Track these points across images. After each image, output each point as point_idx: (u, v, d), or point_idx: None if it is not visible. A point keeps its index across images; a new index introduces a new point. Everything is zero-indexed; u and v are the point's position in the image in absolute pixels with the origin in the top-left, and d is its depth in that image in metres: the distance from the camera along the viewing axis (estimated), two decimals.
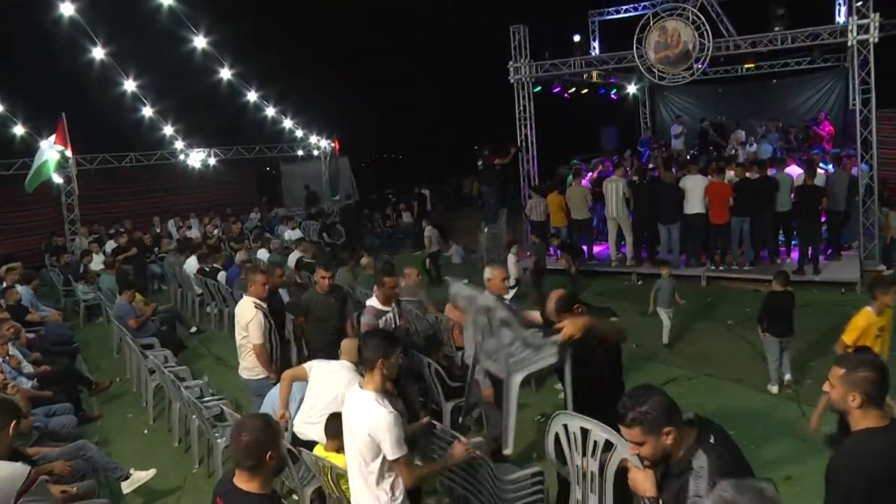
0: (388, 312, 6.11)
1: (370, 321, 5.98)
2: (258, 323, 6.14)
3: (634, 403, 2.67)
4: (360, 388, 3.72)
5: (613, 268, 12.98)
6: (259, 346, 6.14)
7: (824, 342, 8.67)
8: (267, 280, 6.58)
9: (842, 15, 15.30)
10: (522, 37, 14.53)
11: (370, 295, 8.91)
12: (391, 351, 3.69)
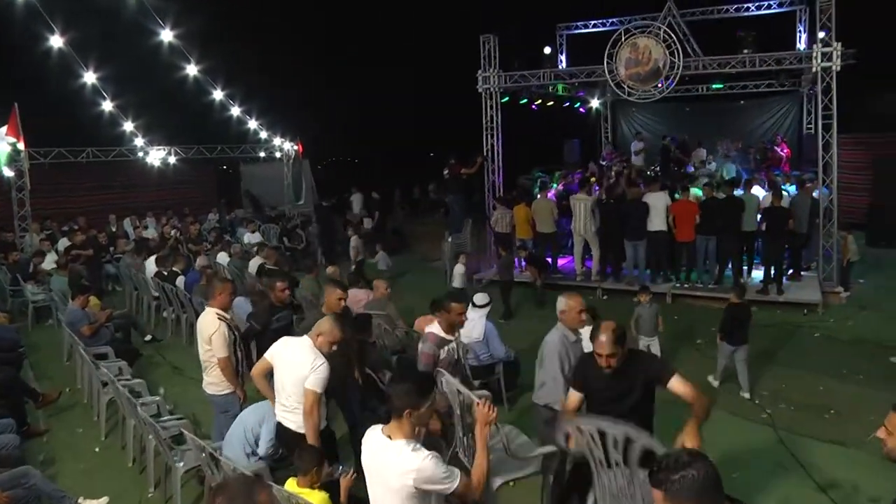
0: (452, 342, 5.57)
1: (431, 350, 5.41)
2: (222, 335, 5.85)
3: (672, 466, 2.38)
4: (387, 437, 3.48)
5: (578, 282, 12.95)
6: (223, 359, 5.84)
7: (793, 364, 8.82)
8: (233, 290, 6.31)
9: (802, 42, 15.65)
10: (492, 46, 14.45)
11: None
12: (421, 402, 3.45)
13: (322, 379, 4.69)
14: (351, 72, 30.16)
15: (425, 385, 3.58)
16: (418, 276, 15.18)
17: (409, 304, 12.07)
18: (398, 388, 3.50)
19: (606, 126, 22.28)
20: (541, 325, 10.93)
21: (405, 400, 3.43)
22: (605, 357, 4.23)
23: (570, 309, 5.23)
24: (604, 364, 4.26)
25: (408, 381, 3.59)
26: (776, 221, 11.11)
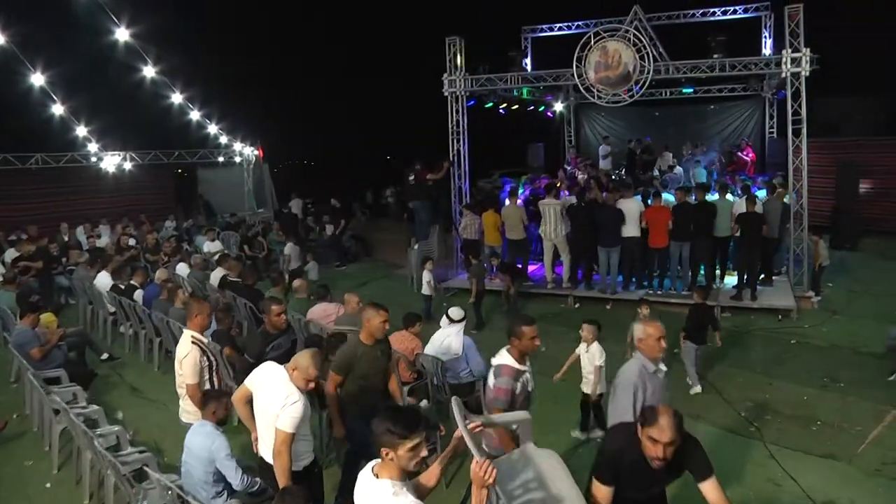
0: (526, 372, 4.85)
1: (507, 385, 4.64)
2: (192, 360, 5.42)
3: None
4: (374, 475, 3.26)
5: (549, 290, 12.74)
6: (191, 386, 5.40)
7: (773, 373, 8.71)
8: (211, 311, 5.91)
9: (768, 47, 15.71)
10: (458, 49, 14.16)
11: (303, 320, 8.41)
12: (401, 442, 3.16)
13: (294, 418, 4.28)
14: (310, 74, 29.63)
15: (409, 422, 3.25)
16: (384, 284, 14.85)
17: None
18: (377, 426, 3.23)
19: (570, 130, 22.17)
20: None
21: (383, 439, 3.18)
22: (663, 446, 3.55)
23: (649, 336, 4.60)
24: (658, 454, 3.56)
25: (389, 418, 3.27)
26: (751, 227, 11.02)
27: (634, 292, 12.07)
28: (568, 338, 10.40)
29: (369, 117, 30.28)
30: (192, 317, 5.65)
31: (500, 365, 4.80)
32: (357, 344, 5.42)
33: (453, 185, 14.80)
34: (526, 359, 4.87)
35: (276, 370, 4.51)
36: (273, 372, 4.51)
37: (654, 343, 4.60)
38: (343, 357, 5.38)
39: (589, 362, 7.08)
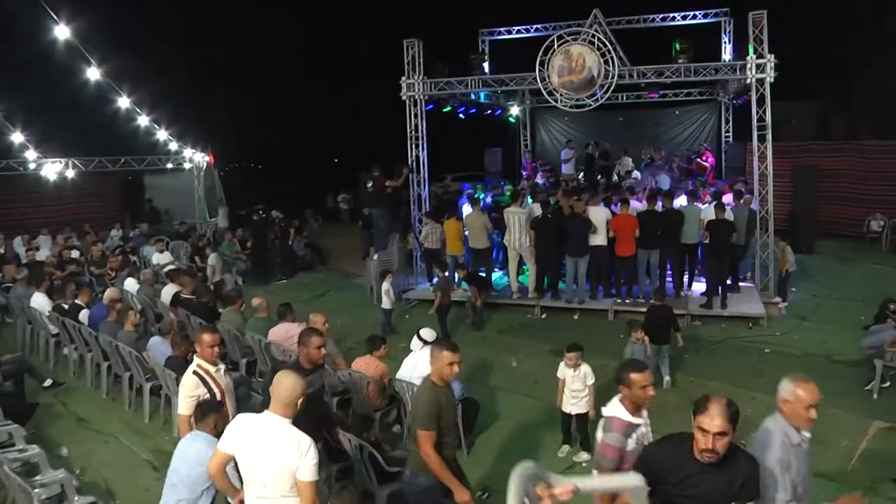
0: (641, 426, 4.07)
1: (618, 442, 3.92)
2: (188, 389, 4.87)
3: None
4: None
5: (515, 300, 12.38)
6: (182, 418, 4.84)
7: (754, 386, 8.48)
8: (219, 341, 5.33)
9: (727, 52, 15.70)
10: (417, 52, 13.73)
11: (264, 342, 7.84)
12: None
13: (315, 464, 3.69)
14: (260, 75, 28.87)
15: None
16: (341, 296, 14.26)
17: (338, 330, 11.27)
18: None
19: (526, 134, 21.91)
20: (480, 349, 10.43)
21: None
22: (712, 437, 3.26)
23: (799, 401, 3.70)
24: (707, 446, 3.27)
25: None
26: (720, 234, 10.86)
27: (602, 301, 11.83)
28: (538, 351, 10.11)
29: (322, 120, 29.66)
30: (199, 346, 5.19)
31: (609, 417, 4.06)
32: (434, 388, 4.47)
33: (412, 191, 14.36)
34: (642, 410, 4.11)
35: (264, 423, 3.79)
36: (261, 425, 3.79)
37: (802, 410, 3.70)
38: (428, 407, 4.36)
39: (582, 383, 6.71)
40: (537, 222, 11.80)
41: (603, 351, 9.84)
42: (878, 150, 17.32)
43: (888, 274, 14.21)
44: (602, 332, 10.86)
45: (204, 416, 4.46)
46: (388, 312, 11.25)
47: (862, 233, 16.92)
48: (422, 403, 4.44)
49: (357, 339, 10.83)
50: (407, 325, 11.72)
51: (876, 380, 8.16)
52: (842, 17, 19.77)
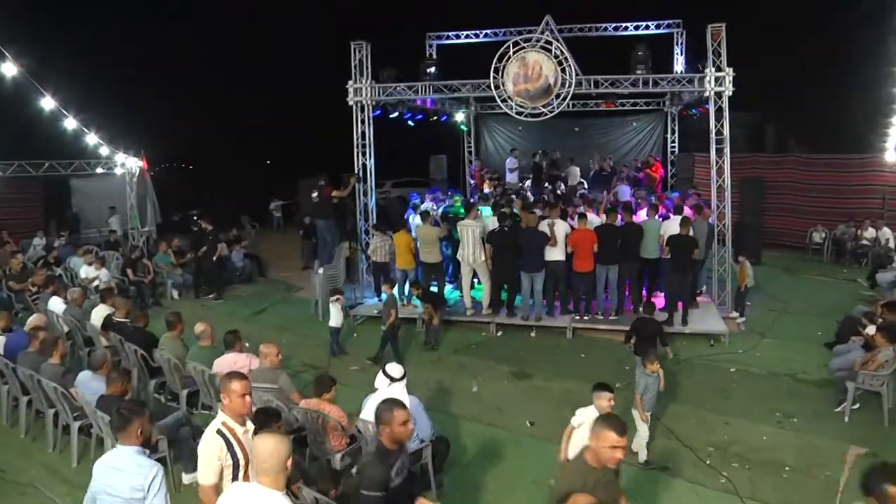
0: None
1: None
2: (209, 455, 4.03)
3: None
4: None
5: (469, 317, 11.82)
6: (204, 489, 4.02)
7: (724, 409, 8.20)
8: (249, 388, 4.33)
9: (680, 64, 15.58)
10: (364, 55, 13.06)
11: (208, 374, 6.98)
12: None
13: None
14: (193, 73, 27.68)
15: None
16: (282, 311, 13.41)
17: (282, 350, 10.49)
18: None
19: (470, 141, 21.38)
20: (437, 371, 9.82)
21: None
22: None
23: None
24: None
25: None
26: (682, 250, 10.58)
27: (560, 318, 11.40)
28: (498, 374, 9.58)
29: (256, 120, 28.61)
30: (227, 396, 4.21)
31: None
32: (585, 469, 3.88)
33: (358, 201, 13.67)
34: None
35: (259, 497, 3.19)
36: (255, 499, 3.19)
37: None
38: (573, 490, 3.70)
39: None
40: (493, 236, 11.28)
41: (564, 372, 9.45)
42: (821, 163, 17.58)
43: (834, 286, 14.34)
44: (561, 352, 10.45)
45: (128, 423, 3.89)
46: (336, 332, 10.54)
47: (804, 244, 17.10)
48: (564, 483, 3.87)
49: (302, 361, 10.13)
50: (356, 344, 11.07)
51: (848, 403, 7.94)
52: (776, 32, 20.13)
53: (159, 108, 26.38)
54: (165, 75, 27.30)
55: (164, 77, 27.23)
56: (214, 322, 12.04)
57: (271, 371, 6.40)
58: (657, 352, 7.92)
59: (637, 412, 6.79)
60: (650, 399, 6.80)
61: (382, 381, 5.84)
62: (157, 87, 27.05)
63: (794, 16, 21.52)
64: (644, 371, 6.75)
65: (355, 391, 8.76)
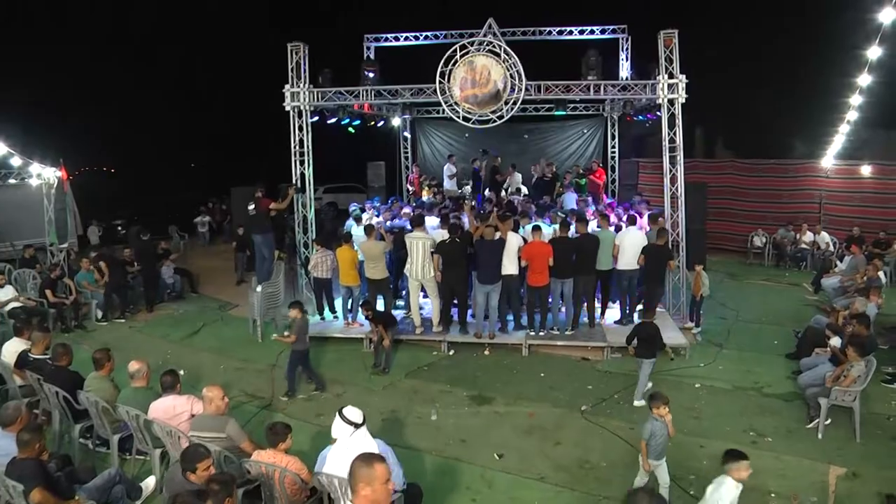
0: None
1: None
2: None
3: None
4: None
5: (418, 335, 11.17)
6: None
7: (697, 431, 7.85)
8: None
9: (625, 70, 15.37)
10: (302, 57, 12.30)
11: (143, 419, 6.05)
12: None
13: None
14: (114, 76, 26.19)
15: None
16: (218, 332, 12.31)
17: (220, 378, 9.66)
18: None
19: (406, 146, 20.74)
20: (391, 398, 9.13)
21: None
22: None
23: None
24: None
25: None
26: (657, 261, 10.50)
27: (514, 335, 10.92)
28: (456, 398, 8.98)
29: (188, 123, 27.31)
30: (368, 486, 3.44)
31: None
32: None
33: (297, 213, 12.88)
34: None
35: None
36: None
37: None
38: None
39: None
40: (443, 247, 10.67)
41: (525, 395, 8.96)
42: (760, 168, 17.75)
43: (780, 292, 14.40)
44: (519, 372, 9.93)
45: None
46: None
47: (745, 248, 17.20)
48: None
49: (243, 390, 9.30)
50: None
51: (821, 419, 7.71)
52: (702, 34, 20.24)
53: (76, 109, 24.75)
54: (84, 76, 25.68)
55: (83, 78, 25.61)
56: (145, 347, 11.26)
57: (217, 418, 5.62)
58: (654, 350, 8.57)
59: (641, 460, 6.16)
60: (658, 446, 6.07)
61: (342, 428, 5.08)
62: (75, 87, 25.40)
63: (725, 22, 21.76)
64: (651, 415, 6.10)
65: (305, 425, 8.09)
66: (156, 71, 27.46)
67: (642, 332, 8.70)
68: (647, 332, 8.65)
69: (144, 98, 27.38)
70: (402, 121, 19.89)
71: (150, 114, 27.44)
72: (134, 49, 26.79)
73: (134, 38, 26.53)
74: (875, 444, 7.45)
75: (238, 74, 24.78)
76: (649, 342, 8.58)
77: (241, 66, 24.85)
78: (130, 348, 11.18)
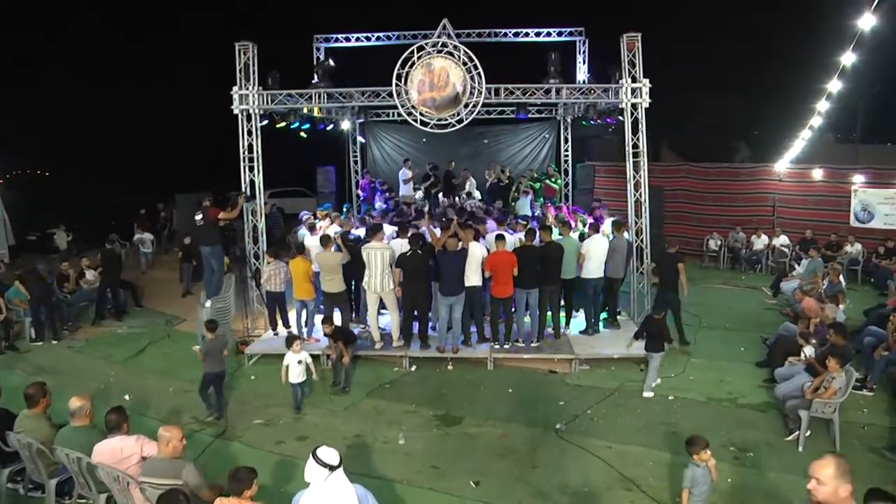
0: None
1: None
2: None
3: None
4: None
5: (377, 351, 10.64)
6: None
7: (680, 450, 7.39)
8: None
9: (582, 73, 15.16)
10: (251, 57, 11.64)
11: (85, 462, 5.35)
12: None
13: None
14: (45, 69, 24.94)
15: None
16: (166, 350, 11.48)
17: (172, 401, 8.99)
18: None
19: (355, 150, 20.09)
20: (353, 420, 8.54)
21: None
22: None
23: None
24: None
25: None
26: (669, 270, 10.70)
27: (479, 349, 10.50)
28: (422, 419, 8.51)
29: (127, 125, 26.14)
30: None
31: None
32: None
33: (247, 223, 12.22)
34: None
35: None
36: None
37: None
38: None
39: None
40: (404, 259, 10.18)
41: (495, 414, 8.54)
42: (714, 171, 17.82)
43: (739, 296, 14.41)
44: (486, 388, 9.50)
45: None
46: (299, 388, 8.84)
47: (701, 251, 17.21)
48: None
49: (195, 416, 8.64)
50: (255, 390, 9.62)
51: (802, 432, 7.53)
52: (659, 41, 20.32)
53: (8, 108, 23.46)
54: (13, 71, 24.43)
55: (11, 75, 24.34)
56: (85, 369, 10.43)
57: (172, 461, 5.01)
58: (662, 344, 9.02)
59: None
60: (701, 494, 5.58)
61: (316, 471, 4.49)
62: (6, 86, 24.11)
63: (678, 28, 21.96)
64: (692, 461, 5.58)
65: (265, 454, 7.52)
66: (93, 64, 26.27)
67: (652, 327, 9.12)
68: (655, 327, 9.08)
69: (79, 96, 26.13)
70: (351, 124, 19.28)
71: (86, 113, 26.18)
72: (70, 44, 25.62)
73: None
74: (856, 456, 7.25)
75: (185, 73, 23.80)
76: (658, 336, 9.03)
77: (188, 64, 23.91)
78: (69, 371, 10.42)
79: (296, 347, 8.70)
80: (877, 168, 15.79)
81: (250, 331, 11.63)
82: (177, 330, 12.68)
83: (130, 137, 27.15)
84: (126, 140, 27.33)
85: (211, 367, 8.45)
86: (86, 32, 25.77)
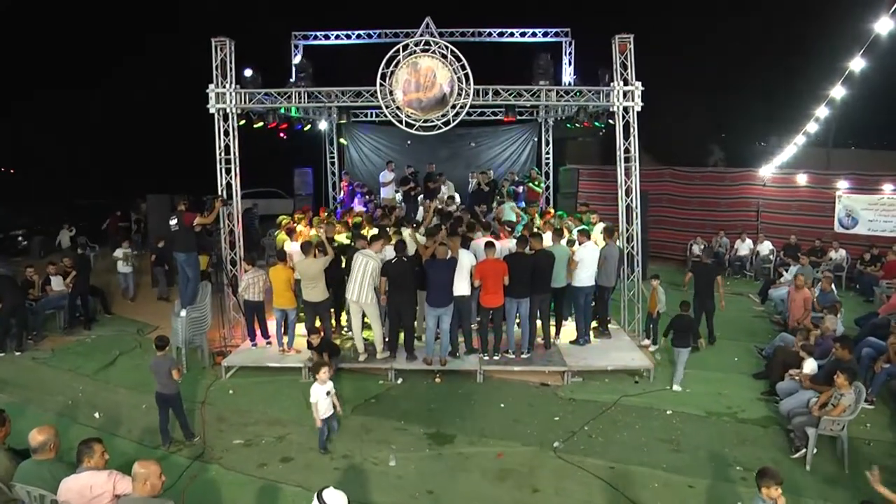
0: None
1: None
2: None
3: None
4: None
5: (362, 363, 10.19)
6: None
7: (682, 469, 7.25)
8: None
9: (567, 75, 14.87)
10: (228, 54, 11.12)
11: (50, 500, 4.80)
12: None
13: None
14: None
15: None
16: (138, 361, 10.78)
17: (147, 420, 8.44)
18: None
19: (332, 150, 19.55)
20: (340, 441, 7.93)
21: None
22: None
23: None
24: None
25: None
26: (706, 278, 11.00)
27: (467, 360, 10.11)
28: (412, 438, 8.07)
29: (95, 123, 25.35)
30: None
31: None
32: None
33: (223, 228, 11.70)
34: None
35: None
36: None
37: None
38: None
39: None
40: (390, 267, 9.75)
41: (489, 431, 8.17)
42: (698, 176, 17.68)
43: (726, 302, 14.11)
44: (477, 402, 9.10)
45: None
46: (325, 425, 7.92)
47: (685, 256, 17.05)
48: None
49: (177, 437, 8.10)
50: (234, 405, 9.11)
51: (809, 450, 7.27)
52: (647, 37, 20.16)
53: None
54: None
55: None
56: (51, 383, 9.83)
57: (150, 501, 4.53)
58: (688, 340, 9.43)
59: None
60: None
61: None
62: None
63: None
64: (757, 495, 5.00)
65: (246, 479, 7.05)
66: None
67: (679, 324, 9.51)
68: (683, 324, 9.49)
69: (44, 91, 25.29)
70: (329, 125, 18.76)
71: (54, 110, 25.34)
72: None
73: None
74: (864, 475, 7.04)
75: (158, 71, 23.09)
76: (685, 333, 9.44)
77: (160, 61, 23.20)
78: (33, 385, 9.79)
79: (322, 376, 7.60)
80: (861, 174, 15.74)
81: (227, 341, 11.11)
82: (149, 339, 11.97)
83: (101, 137, 26.31)
84: (97, 139, 26.48)
85: (161, 387, 7.73)
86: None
